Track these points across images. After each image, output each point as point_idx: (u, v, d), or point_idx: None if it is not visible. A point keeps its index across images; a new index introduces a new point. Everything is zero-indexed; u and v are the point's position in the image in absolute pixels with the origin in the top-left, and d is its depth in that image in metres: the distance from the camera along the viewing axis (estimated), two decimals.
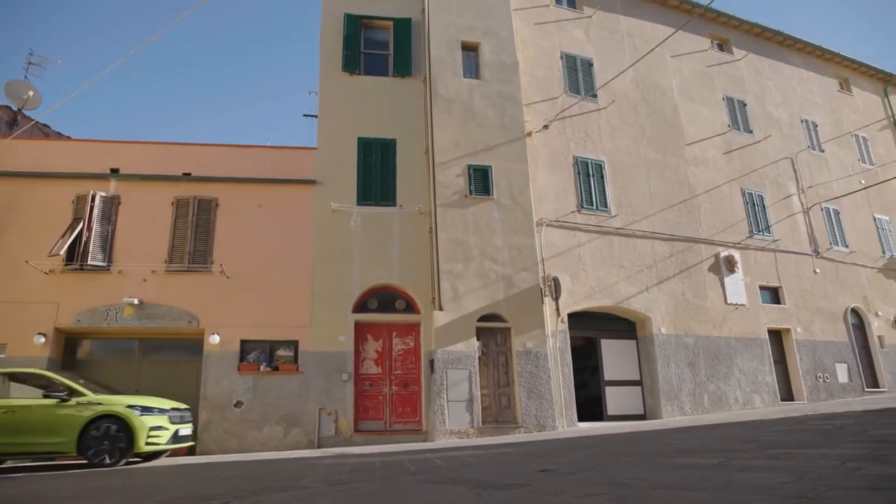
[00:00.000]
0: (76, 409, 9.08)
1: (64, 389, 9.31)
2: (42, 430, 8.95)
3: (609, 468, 4.62)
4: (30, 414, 9.01)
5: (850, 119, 22.98)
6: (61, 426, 8.94)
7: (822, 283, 19.07)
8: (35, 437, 8.92)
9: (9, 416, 8.92)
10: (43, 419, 8.99)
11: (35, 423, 8.96)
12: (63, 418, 8.99)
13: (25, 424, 8.93)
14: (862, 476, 3.16)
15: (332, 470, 6.08)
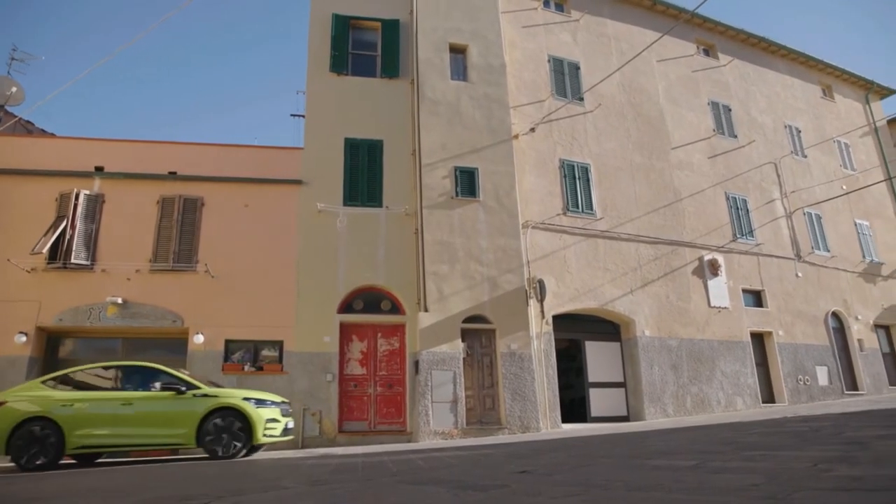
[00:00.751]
0: (193, 402, 9.10)
1: (179, 382, 9.32)
2: (160, 422, 8.96)
3: (587, 469, 4.66)
4: (147, 406, 9.02)
5: (833, 125, 23.28)
6: (180, 419, 8.97)
7: (804, 287, 19.30)
8: (154, 430, 8.93)
9: (126, 409, 8.95)
10: (160, 412, 9.01)
11: (153, 415, 8.98)
12: (181, 411, 9.02)
13: (143, 417, 8.94)
14: (831, 477, 3.22)
15: (314, 470, 6.09)
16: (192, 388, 9.23)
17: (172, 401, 9.07)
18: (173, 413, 8.99)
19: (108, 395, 9.09)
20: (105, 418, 8.89)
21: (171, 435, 8.94)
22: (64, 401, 8.89)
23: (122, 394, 9.10)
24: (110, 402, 9.00)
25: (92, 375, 9.44)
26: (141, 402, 9.04)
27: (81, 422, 8.79)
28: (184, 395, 9.12)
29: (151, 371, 9.53)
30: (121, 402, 8.98)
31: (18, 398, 8.92)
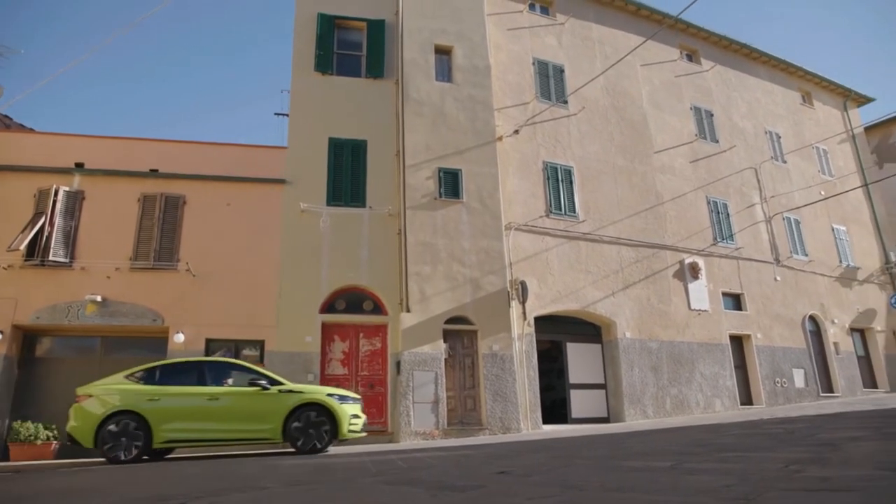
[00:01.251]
0: (279, 398, 9.20)
1: (263, 378, 9.46)
2: (248, 417, 9.06)
3: (565, 470, 4.71)
4: (233, 401, 9.12)
5: (812, 132, 23.61)
6: (267, 414, 9.05)
7: (782, 291, 19.57)
8: (241, 425, 9.02)
9: (212, 404, 9.01)
10: (247, 407, 9.10)
11: (239, 410, 9.07)
12: (267, 406, 9.10)
13: (230, 412, 9.03)
14: (801, 478, 3.29)
15: (294, 470, 6.09)
16: (275, 384, 9.38)
17: (259, 396, 9.17)
18: (260, 408, 9.10)
19: (194, 390, 9.13)
20: (192, 413, 8.96)
21: (259, 430, 9.06)
22: (150, 395, 8.94)
23: (209, 389, 9.18)
24: (197, 397, 9.06)
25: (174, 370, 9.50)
26: (227, 397, 9.15)
27: (168, 416, 8.85)
28: (269, 391, 9.23)
29: (232, 367, 9.81)
30: (207, 396, 9.05)
31: (104, 392, 8.95)
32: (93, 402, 8.82)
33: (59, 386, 12.22)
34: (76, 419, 8.80)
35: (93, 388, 9.05)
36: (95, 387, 9.09)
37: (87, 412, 8.75)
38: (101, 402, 8.81)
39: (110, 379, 9.34)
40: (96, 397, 8.87)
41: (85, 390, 9.06)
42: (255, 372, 9.63)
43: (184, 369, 9.49)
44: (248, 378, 9.40)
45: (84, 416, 8.74)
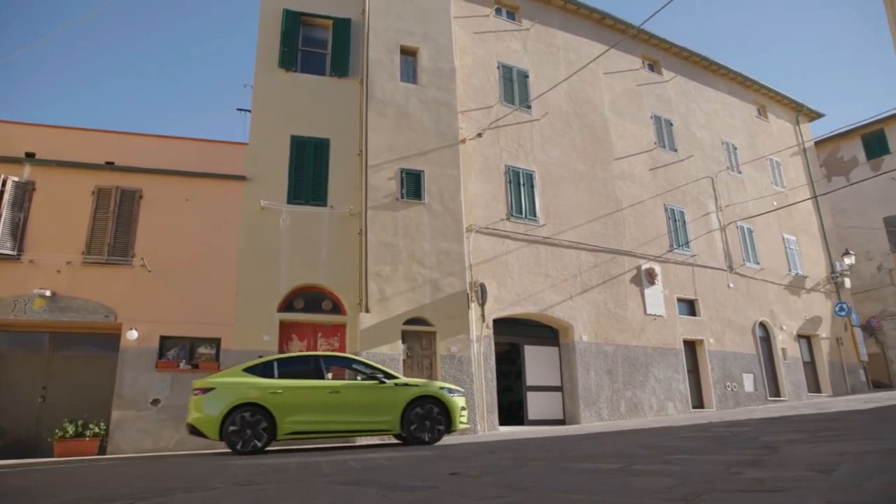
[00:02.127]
0: (396, 391, 9.61)
1: (379, 372, 9.87)
2: (368, 409, 9.40)
3: (517, 472, 4.78)
4: (353, 394, 9.44)
5: (766, 144, 24.34)
6: (386, 406, 9.43)
7: (735, 298, 20.11)
8: (362, 416, 9.36)
9: (333, 396, 9.30)
10: (367, 399, 9.47)
11: (359, 402, 9.42)
12: (386, 399, 9.50)
13: (350, 404, 9.34)
14: (739, 480, 3.42)
15: (245, 470, 6.04)
16: (390, 378, 9.77)
17: (377, 389, 9.55)
18: (379, 401, 9.46)
19: (315, 384, 9.40)
20: (314, 405, 9.21)
21: (379, 421, 9.42)
22: (273, 388, 9.12)
23: (330, 382, 9.49)
24: (318, 390, 9.32)
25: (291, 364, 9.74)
26: (347, 390, 9.45)
27: (292, 408, 9.07)
28: (386, 385, 9.61)
29: (347, 360, 10.27)
30: (329, 390, 9.33)
31: (228, 385, 9.07)
32: (217, 395, 8.92)
33: (5, 382, 11.89)
34: (199, 411, 8.89)
35: (214, 382, 9.17)
36: (215, 381, 9.21)
37: (211, 405, 8.87)
38: (226, 395, 8.92)
39: (228, 372, 9.54)
40: (219, 390, 8.98)
41: (204, 383, 9.19)
42: (370, 366, 10.04)
43: (300, 363, 9.80)
44: (364, 372, 9.86)
45: (209, 408, 8.85)
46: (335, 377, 9.89)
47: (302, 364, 9.75)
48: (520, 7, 18.46)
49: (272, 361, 9.61)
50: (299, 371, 9.60)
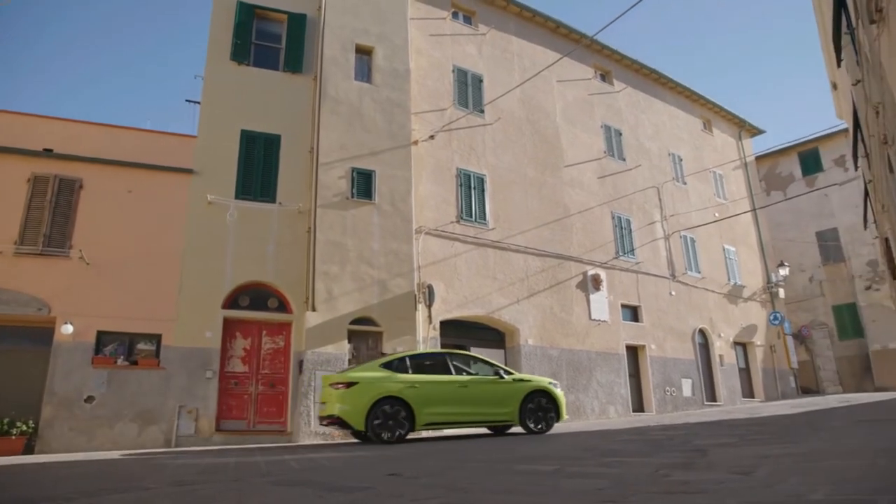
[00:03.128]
0: (515, 385, 10.47)
1: (500, 368, 10.84)
2: (493, 402, 10.22)
3: (455, 473, 4.84)
4: (479, 388, 10.25)
5: (710, 157, 25.15)
6: (507, 399, 10.28)
7: (676, 305, 20.70)
8: (486, 408, 10.18)
9: (462, 390, 10.08)
10: (490, 393, 10.26)
11: (484, 395, 10.21)
12: (507, 392, 10.34)
13: (477, 397, 10.14)
14: (666, 482, 3.56)
15: (182, 470, 5.94)
16: (508, 374, 10.66)
17: (498, 384, 10.39)
18: (501, 394, 10.29)
19: (447, 378, 10.17)
20: (447, 398, 9.94)
21: (502, 413, 10.26)
22: (410, 383, 9.79)
23: (458, 377, 10.28)
24: (450, 384, 10.08)
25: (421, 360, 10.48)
26: (474, 384, 10.28)
27: (428, 401, 9.75)
28: (505, 380, 10.47)
29: (467, 357, 11.13)
30: (458, 384, 10.12)
31: (370, 380, 9.64)
32: (361, 389, 9.47)
33: None
34: (345, 403, 9.40)
35: (356, 377, 9.70)
36: (358, 375, 9.77)
37: (357, 398, 9.40)
38: (369, 389, 9.49)
39: (367, 367, 10.09)
40: (363, 384, 9.51)
41: (345, 378, 9.72)
42: (490, 363, 11.03)
43: (429, 359, 10.61)
44: (485, 368, 10.75)
45: (355, 400, 9.38)
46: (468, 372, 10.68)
47: (431, 360, 10.58)
48: (476, 12, 18.60)
49: (405, 357, 10.31)
50: (429, 366, 10.37)
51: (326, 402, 9.81)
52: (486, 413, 10.23)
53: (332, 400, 9.58)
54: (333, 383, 9.70)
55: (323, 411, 9.94)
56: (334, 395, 9.55)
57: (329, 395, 9.72)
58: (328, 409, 9.65)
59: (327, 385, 9.89)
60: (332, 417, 9.53)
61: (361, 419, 9.31)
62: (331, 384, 9.75)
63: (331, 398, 9.63)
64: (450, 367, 10.46)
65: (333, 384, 9.68)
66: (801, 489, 2.84)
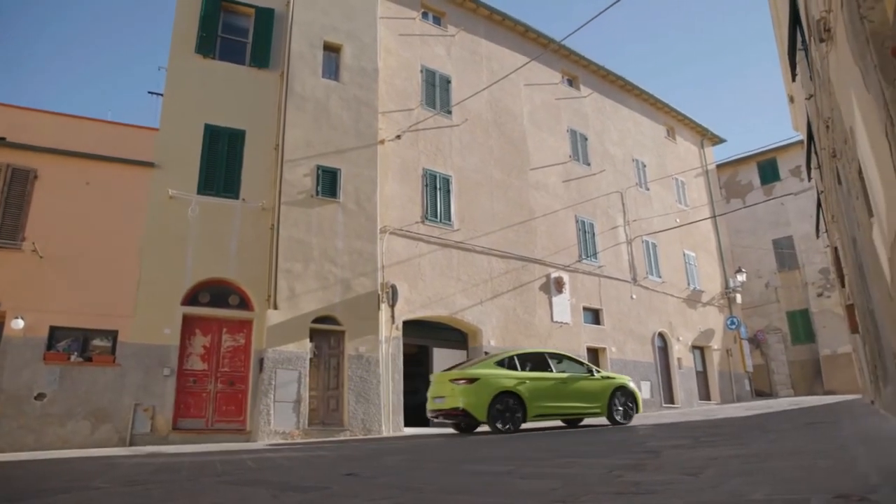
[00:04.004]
0: (603, 382, 11.66)
1: (590, 366, 12.06)
2: (587, 397, 11.35)
3: (412, 473, 4.86)
4: (576, 384, 11.34)
5: (673, 164, 25.64)
6: (597, 395, 11.43)
7: (637, 309, 21.05)
8: (582, 402, 11.29)
9: (563, 386, 11.19)
10: (585, 388, 11.38)
11: (580, 391, 11.31)
12: (597, 388, 11.50)
13: (574, 392, 11.25)
14: (618, 483, 3.63)
15: (134, 469, 5.83)
16: (596, 372, 11.86)
17: (590, 381, 11.54)
18: (593, 390, 11.44)
19: (549, 375, 11.25)
20: (551, 393, 11.01)
21: (593, 407, 11.40)
22: (520, 379, 10.82)
23: (559, 374, 11.38)
24: (553, 381, 11.17)
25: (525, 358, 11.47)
26: (572, 380, 11.35)
27: (537, 395, 10.82)
28: (595, 377, 11.67)
29: (560, 356, 12.18)
30: (559, 381, 11.21)
31: (488, 376, 10.58)
32: (482, 385, 10.41)
33: None
34: (470, 397, 10.30)
35: (477, 373, 10.59)
36: (478, 372, 10.68)
37: (479, 392, 10.34)
38: (490, 385, 10.45)
39: (483, 364, 11.09)
40: (483, 380, 10.45)
41: (466, 374, 10.61)
42: (579, 361, 12.25)
43: (533, 358, 11.59)
44: (575, 366, 11.92)
45: (478, 395, 10.31)
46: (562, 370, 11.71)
47: (532, 359, 11.58)
48: (446, 13, 18.64)
49: (513, 356, 11.31)
50: (532, 364, 11.42)
51: (446, 396, 10.63)
52: (582, 407, 11.36)
53: (454, 394, 10.42)
54: (454, 379, 10.57)
55: (441, 405, 10.76)
56: (457, 390, 10.40)
57: (449, 390, 10.56)
58: (449, 402, 10.49)
59: (446, 381, 10.76)
60: (456, 409, 10.38)
61: (484, 411, 10.26)
62: (451, 380, 10.61)
63: (453, 393, 10.46)
64: (549, 364, 11.58)
65: (454, 380, 10.55)
66: (744, 489, 2.93)
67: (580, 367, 12.00)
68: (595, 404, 11.39)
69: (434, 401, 11.03)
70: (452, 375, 10.79)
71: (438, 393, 10.91)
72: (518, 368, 11.09)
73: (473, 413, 10.26)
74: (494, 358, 11.29)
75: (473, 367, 11.01)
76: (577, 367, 11.95)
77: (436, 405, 10.94)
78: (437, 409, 10.88)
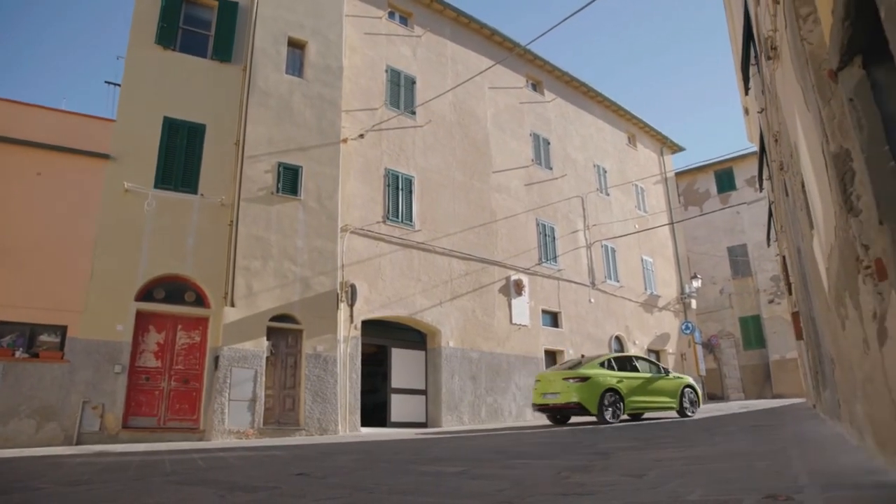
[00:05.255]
0: (675, 381, 13.51)
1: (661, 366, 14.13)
2: (665, 393, 13.19)
3: (363, 473, 4.87)
4: (657, 383, 13.19)
5: (633, 170, 26.11)
6: (671, 391, 13.30)
7: (595, 312, 21.37)
8: (660, 398, 13.10)
9: (647, 384, 12.98)
10: (662, 386, 13.22)
11: (660, 388, 13.16)
12: (672, 386, 13.37)
13: (656, 389, 13.08)
14: (564, 483, 3.71)
15: (79, 469, 5.71)
16: (668, 372, 13.85)
17: (665, 379, 13.41)
18: (669, 387, 13.32)
19: (637, 375, 13.03)
20: (640, 390, 12.79)
21: (669, 402, 13.22)
22: (619, 377, 12.56)
23: (645, 374, 13.24)
24: (641, 379, 12.95)
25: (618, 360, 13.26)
26: (654, 379, 13.21)
27: (632, 392, 12.58)
28: (669, 376, 13.55)
29: (640, 358, 13.98)
30: (646, 379, 13.03)
31: (598, 375, 12.20)
32: (593, 383, 12.03)
33: None
34: (584, 393, 11.87)
35: (587, 373, 12.15)
36: (588, 371, 12.22)
37: (591, 389, 11.94)
38: (599, 383, 12.10)
39: (589, 366, 12.57)
40: (594, 379, 12.05)
41: (577, 374, 12.15)
42: (653, 362, 14.18)
43: (620, 361, 13.29)
44: (652, 367, 13.81)
45: (591, 391, 11.91)
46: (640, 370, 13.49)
47: (621, 361, 13.30)
48: (413, 14, 18.65)
49: (610, 359, 13.09)
50: (622, 366, 13.12)
51: (560, 392, 12.16)
52: (662, 401, 13.12)
53: (569, 391, 12.00)
54: (567, 378, 12.18)
55: (554, 399, 12.27)
56: (572, 387, 12.00)
57: (564, 387, 12.13)
58: (564, 397, 12.06)
59: (559, 379, 12.32)
60: (570, 403, 11.96)
61: (595, 405, 11.84)
62: (564, 378, 12.22)
63: (568, 389, 12.03)
64: (635, 365, 13.43)
65: (567, 378, 12.17)
66: (681, 490, 3.03)
67: (656, 367, 13.90)
68: (671, 400, 13.23)
69: (545, 396, 12.55)
70: (565, 375, 12.36)
71: (550, 389, 12.45)
72: (614, 369, 12.82)
73: (587, 406, 11.86)
74: (597, 360, 12.95)
75: (582, 369, 12.50)
76: (654, 368, 13.81)
77: (547, 400, 12.47)
78: (551, 403, 12.39)
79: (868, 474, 2.92)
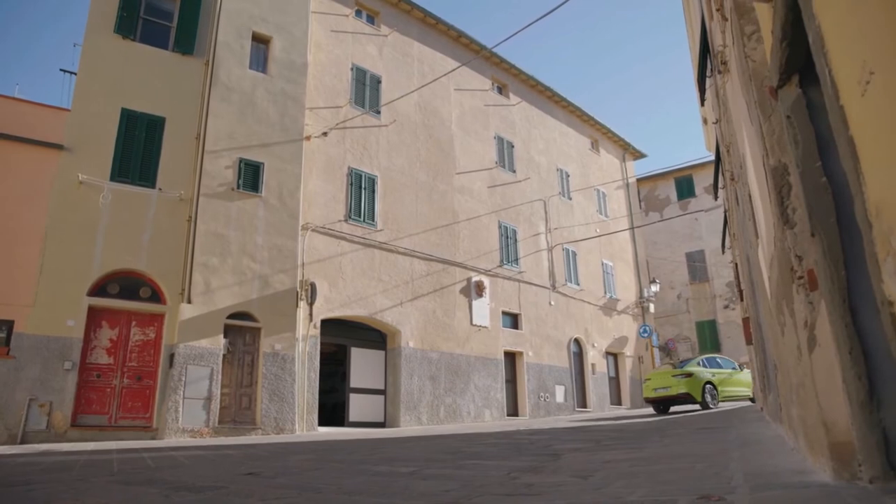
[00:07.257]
0: (746, 375, 15.99)
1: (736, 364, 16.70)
2: (742, 385, 15.96)
3: (314, 473, 4.86)
4: (735, 377, 15.81)
5: (596, 175, 26.48)
6: (747, 384, 15.97)
7: (555, 315, 21.61)
8: (739, 389, 15.90)
9: (730, 378, 15.57)
10: (740, 380, 15.92)
11: (738, 381, 15.84)
12: (744, 380, 15.98)
13: (736, 382, 15.74)
14: (512, 484, 3.76)
15: (20, 469, 5.56)
16: (742, 368, 16.50)
17: (740, 374, 16.06)
18: (745, 381, 15.98)
19: (722, 370, 15.52)
20: (727, 382, 15.42)
21: (745, 393, 16.10)
22: (712, 373, 15.06)
23: (727, 370, 15.72)
24: (726, 374, 15.55)
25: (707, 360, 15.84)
26: (734, 374, 15.86)
27: (721, 384, 15.13)
28: (741, 372, 16.18)
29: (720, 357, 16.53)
30: (729, 374, 15.62)
31: (698, 372, 14.68)
32: (696, 377, 14.51)
33: None
34: (692, 386, 14.35)
35: (691, 370, 14.70)
36: (692, 369, 14.77)
37: (696, 383, 14.41)
38: (700, 378, 14.58)
39: (690, 364, 15.22)
40: (696, 375, 14.56)
41: (682, 371, 14.71)
42: (727, 359, 16.61)
43: (708, 360, 15.76)
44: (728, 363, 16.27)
45: (696, 385, 14.38)
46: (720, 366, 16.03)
47: (708, 360, 15.78)
48: (380, 13, 18.61)
49: (703, 358, 15.77)
50: (709, 364, 15.53)
51: (670, 386, 14.62)
52: (742, 392, 15.95)
53: (679, 385, 14.47)
54: (676, 374, 14.70)
55: (666, 392, 14.76)
56: (682, 382, 14.46)
57: (674, 382, 14.58)
58: (674, 390, 14.53)
59: (668, 376, 14.87)
60: (680, 394, 14.43)
61: (699, 394, 14.32)
62: (673, 375, 14.74)
63: (678, 384, 14.49)
64: (719, 363, 15.86)
65: (676, 375, 14.68)
66: (623, 491, 3.11)
67: (731, 363, 16.34)
68: (746, 391, 16.00)
69: (656, 390, 15.05)
70: (674, 372, 14.89)
71: (661, 384, 14.96)
72: (706, 366, 15.26)
73: (694, 396, 14.32)
74: (695, 360, 15.66)
75: (686, 367, 15.01)
76: (730, 364, 16.27)
77: (659, 393, 14.96)
78: (663, 395, 14.84)
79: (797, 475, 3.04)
